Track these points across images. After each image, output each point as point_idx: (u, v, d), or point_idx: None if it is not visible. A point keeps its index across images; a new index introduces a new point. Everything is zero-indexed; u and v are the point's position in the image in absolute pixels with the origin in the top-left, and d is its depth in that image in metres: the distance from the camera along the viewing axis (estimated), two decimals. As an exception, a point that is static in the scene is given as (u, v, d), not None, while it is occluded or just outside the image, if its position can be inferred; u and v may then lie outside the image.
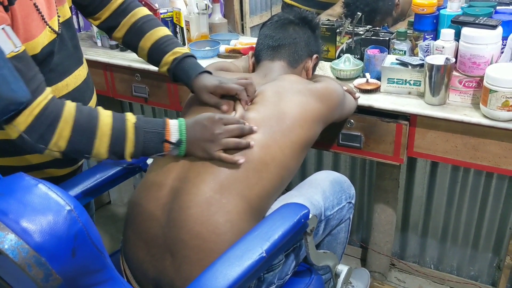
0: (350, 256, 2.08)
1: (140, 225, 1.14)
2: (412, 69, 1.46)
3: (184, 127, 1.12)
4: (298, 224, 1.06)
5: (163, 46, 1.35)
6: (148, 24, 1.39)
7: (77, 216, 0.76)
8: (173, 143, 1.11)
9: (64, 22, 1.23)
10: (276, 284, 1.18)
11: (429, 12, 1.53)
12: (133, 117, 1.10)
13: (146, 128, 1.09)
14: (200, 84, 1.26)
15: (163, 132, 1.10)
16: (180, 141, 1.11)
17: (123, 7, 1.39)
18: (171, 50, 1.34)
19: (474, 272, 1.90)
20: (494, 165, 1.39)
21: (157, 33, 1.37)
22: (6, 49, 0.94)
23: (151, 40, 1.36)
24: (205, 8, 1.95)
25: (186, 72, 1.30)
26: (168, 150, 1.11)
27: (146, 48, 1.37)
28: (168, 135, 1.11)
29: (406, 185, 1.89)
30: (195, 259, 1.06)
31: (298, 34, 1.39)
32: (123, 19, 1.39)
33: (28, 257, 0.71)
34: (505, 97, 1.28)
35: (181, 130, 1.12)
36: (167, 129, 1.11)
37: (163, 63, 1.35)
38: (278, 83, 1.27)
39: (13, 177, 0.81)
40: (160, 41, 1.36)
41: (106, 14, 1.39)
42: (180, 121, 1.14)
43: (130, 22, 1.39)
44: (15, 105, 0.95)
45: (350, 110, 1.43)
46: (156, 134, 1.10)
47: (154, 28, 1.38)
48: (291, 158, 1.19)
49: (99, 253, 0.80)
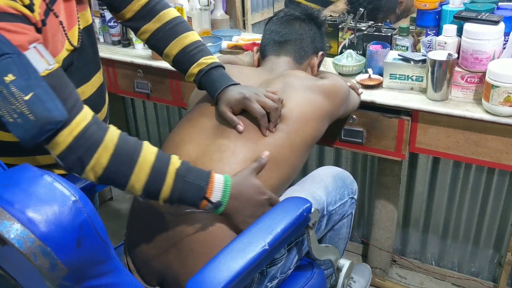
0: (351, 252, 2.09)
1: (145, 219, 1.15)
2: (414, 64, 1.46)
3: (229, 191, 1.05)
4: (300, 217, 1.07)
5: (188, 56, 1.26)
6: (174, 30, 1.28)
7: (82, 207, 0.76)
8: (211, 203, 1.03)
9: (84, 29, 1.19)
10: (279, 278, 1.19)
11: (431, 8, 1.53)
12: (177, 162, 1.03)
13: (187, 178, 1.02)
14: (223, 97, 1.19)
15: (205, 187, 1.03)
16: (219, 204, 1.04)
17: (148, 8, 1.27)
18: (196, 60, 1.25)
19: (475, 268, 1.90)
20: (495, 161, 1.39)
21: (183, 41, 1.27)
22: (39, 68, 0.91)
23: (176, 48, 1.27)
24: (207, 4, 1.96)
25: (212, 85, 1.23)
26: (204, 208, 1.04)
27: (171, 56, 1.29)
28: (210, 193, 1.03)
29: (408, 181, 1.90)
30: (201, 253, 1.06)
31: (304, 30, 1.39)
32: (146, 24, 1.28)
33: (34, 247, 0.72)
34: (507, 93, 1.28)
35: (225, 192, 1.05)
36: (209, 186, 1.03)
37: (189, 74, 1.27)
38: (286, 79, 1.27)
39: (19, 168, 0.81)
40: (185, 50, 1.27)
41: (128, 15, 1.28)
42: (226, 180, 1.05)
43: (154, 27, 1.28)
44: (52, 125, 0.90)
45: (353, 106, 1.43)
46: (197, 187, 1.02)
47: (179, 36, 1.27)
48: (299, 157, 1.19)
49: (103, 244, 0.81)
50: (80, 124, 0.94)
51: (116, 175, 0.98)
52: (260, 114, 1.14)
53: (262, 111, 1.14)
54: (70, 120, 0.93)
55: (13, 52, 0.87)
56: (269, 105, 1.15)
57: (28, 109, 0.87)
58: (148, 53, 1.89)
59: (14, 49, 0.88)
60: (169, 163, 1.02)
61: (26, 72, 0.88)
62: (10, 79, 0.86)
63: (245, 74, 1.33)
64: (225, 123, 1.18)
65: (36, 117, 0.88)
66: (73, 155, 0.94)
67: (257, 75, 1.33)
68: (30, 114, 0.87)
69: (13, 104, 0.87)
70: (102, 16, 1.98)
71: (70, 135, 0.93)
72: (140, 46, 1.96)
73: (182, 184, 1.01)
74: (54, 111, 0.89)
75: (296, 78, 1.27)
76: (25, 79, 0.87)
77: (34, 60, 0.90)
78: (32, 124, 0.88)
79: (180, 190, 1.01)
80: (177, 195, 1.01)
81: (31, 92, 0.87)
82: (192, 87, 1.39)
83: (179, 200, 1.02)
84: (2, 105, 0.87)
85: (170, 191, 1.01)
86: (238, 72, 1.32)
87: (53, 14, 1.05)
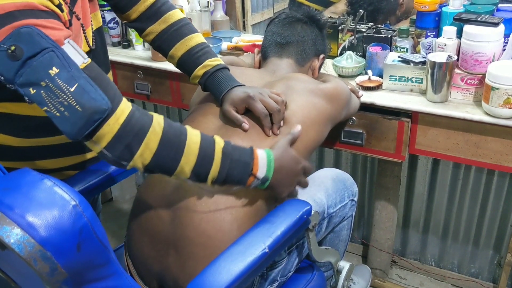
0: (351, 253, 2.09)
1: (145, 221, 1.15)
2: (414, 66, 1.46)
3: (273, 165, 1.07)
4: (300, 220, 1.07)
5: (194, 57, 1.27)
6: (179, 31, 1.28)
7: (82, 211, 0.76)
8: (258, 179, 1.05)
9: (96, 31, 1.20)
10: (279, 281, 1.19)
11: (431, 10, 1.53)
12: (221, 141, 1.03)
13: (233, 156, 1.02)
14: (228, 97, 1.20)
15: (251, 163, 1.04)
16: (266, 178, 1.06)
17: (154, 9, 1.28)
18: (202, 62, 1.25)
19: (475, 269, 1.91)
20: (495, 163, 1.39)
21: (188, 42, 1.27)
22: (77, 60, 0.91)
23: (181, 50, 1.27)
24: (207, 6, 1.96)
25: (217, 87, 1.23)
26: (251, 184, 1.05)
27: (176, 57, 1.29)
28: (256, 169, 1.04)
29: (408, 182, 1.90)
30: (200, 256, 1.06)
31: (306, 32, 1.39)
32: (152, 24, 1.29)
33: (34, 251, 0.72)
34: (507, 95, 1.28)
35: (269, 166, 1.06)
36: (255, 162, 1.04)
37: (194, 76, 1.27)
38: (289, 81, 1.26)
39: (19, 172, 0.81)
40: (190, 52, 1.27)
41: (133, 16, 1.29)
42: (268, 156, 1.07)
43: (159, 28, 1.29)
44: (99, 114, 0.89)
45: (354, 109, 1.43)
46: (243, 165, 1.03)
47: (185, 37, 1.28)
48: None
49: (103, 248, 0.81)
50: (124, 112, 0.94)
51: (166, 160, 0.97)
52: (263, 114, 1.15)
53: (265, 111, 1.15)
54: (114, 109, 0.93)
55: (53, 46, 0.88)
56: (272, 106, 1.15)
57: (75, 100, 0.87)
58: (148, 54, 1.89)
59: (53, 43, 0.88)
60: (215, 142, 1.02)
61: (68, 65, 0.88)
62: (55, 72, 0.87)
63: (248, 75, 1.32)
64: (229, 123, 1.18)
65: (83, 107, 0.88)
66: (121, 143, 0.93)
67: (259, 76, 1.33)
68: (77, 105, 0.88)
69: (60, 97, 0.87)
70: (102, 17, 1.98)
71: (117, 123, 0.92)
72: (140, 47, 1.96)
73: (230, 162, 1.02)
74: (99, 100, 0.89)
75: (299, 81, 1.26)
76: (68, 71, 0.88)
77: (71, 53, 0.91)
78: (79, 115, 0.88)
79: (228, 168, 1.02)
80: (225, 174, 1.02)
81: (76, 83, 0.88)
82: (192, 88, 1.39)
83: (226, 178, 1.03)
84: (48, 100, 0.87)
85: (218, 170, 1.01)
86: (240, 73, 1.32)
87: (75, 16, 1.07)
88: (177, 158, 0.98)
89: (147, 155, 0.95)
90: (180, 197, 1.11)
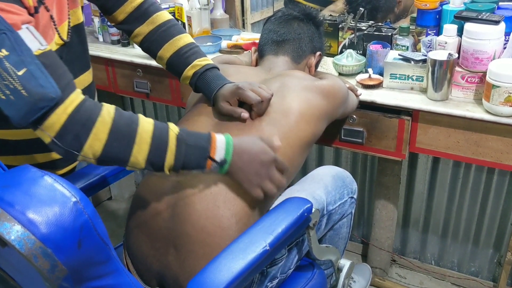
0: (351, 252, 2.09)
1: (144, 219, 1.14)
2: (414, 64, 1.46)
3: (231, 148, 1.05)
4: (301, 218, 1.07)
5: (182, 58, 1.27)
6: (167, 32, 1.29)
7: (83, 208, 0.76)
8: (216, 162, 1.04)
9: (74, 27, 1.19)
10: (279, 278, 1.18)
11: (432, 8, 1.53)
12: (175, 128, 1.02)
13: (189, 141, 1.02)
14: (219, 95, 1.20)
15: (208, 147, 1.03)
16: (224, 161, 1.04)
17: (141, 11, 1.29)
18: (191, 63, 1.26)
19: (475, 268, 1.90)
20: (496, 161, 1.39)
21: (176, 43, 1.28)
22: (33, 46, 0.91)
23: (170, 51, 1.28)
24: (206, 4, 1.95)
25: (207, 87, 1.23)
26: (210, 168, 1.04)
27: (165, 58, 1.29)
28: (213, 152, 1.03)
29: (408, 181, 1.89)
30: (200, 253, 1.06)
31: (302, 30, 1.39)
32: (139, 25, 1.29)
33: (35, 248, 0.71)
34: (507, 93, 1.28)
35: (228, 150, 1.05)
36: (212, 145, 1.03)
37: (184, 76, 1.28)
38: (284, 78, 1.26)
39: (19, 169, 0.81)
40: (179, 52, 1.27)
41: (121, 17, 1.30)
42: (227, 139, 1.06)
43: (147, 29, 1.29)
44: (45, 101, 0.88)
45: (352, 107, 1.43)
46: (200, 149, 1.02)
47: (173, 38, 1.28)
48: (298, 155, 1.19)
49: (104, 245, 0.80)
50: (74, 102, 0.93)
51: (117, 150, 0.96)
52: (256, 100, 1.15)
53: (257, 98, 1.15)
54: (64, 98, 0.92)
55: (6, 29, 0.88)
56: (263, 94, 1.15)
57: (21, 84, 0.87)
58: (148, 53, 1.88)
59: (7, 26, 0.88)
60: (168, 129, 1.01)
61: (20, 49, 0.88)
62: (4, 54, 0.87)
63: (243, 73, 1.33)
64: (224, 120, 1.19)
65: (30, 93, 0.87)
66: (70, 133, 0.92)
67: (255, 74, 1.33)
68: (23, 90, 0.87)
69: (6, 80, 0.87)
70: (102, 15, 1.97)
71: (65, 113, 0.92)
72: (139, 46, 1.96)
73: (185, 148, 1.01)
74: (47, 87, 0.89)
75: (294, 78, 1.26)
76: (18, 55, 0.88)
77: (27, 39, 0.91)
78: (25, 101, 0.87)
79: (184, 154, 1.01)
80: (182, 160, 1.01)
81: (25, 68, 0.87)
82: (191, 87, 1.39)
83: (184, 165, 1.02)
84: None
85: (174, 157, 1.00)
86: (235, 71, 1.32)
87: (44, 7, 1.06)
88: (129, 148, 0.97)
89: (97, 146, 0.94)
90: (178, 193, 1.11)
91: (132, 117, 0.99)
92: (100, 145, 0.94)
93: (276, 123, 1.17)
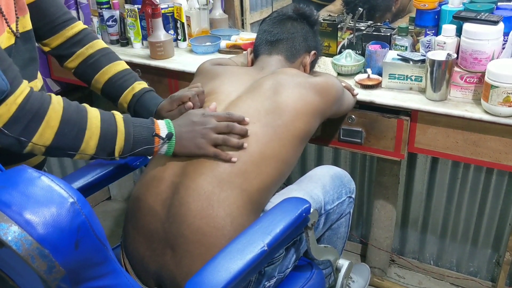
0: (350, 252, 2.09)
1: (140, 220, 1.14)
2: (413, 64, 1.46)
3: (171, 124, 1.12)
4: (299, 218, 1.06)
5: (121, 81, 1.32)
6: (106, 57, 1.34)
7: (80, 209, 0.76)
8: (163, 137, 1.09)
9: (23, 33, 1.16)
10: (277, 277, 1.18)
11: (430, 8, 1.53)
12: (119, 113, 1.09)
13: (134, 122, 1.08)
14: (160, 108, 1.26)
15: (152, 126, 1.09)
16: (170, 134, 1.10)
17: (80, 37, 1.33)
18: (129, 86, 1.32)
19: (474, 268, 1.91)
20: (494, 161, 1.39)
21: (115, 67, 1.34)
22: None
23: (108, 74, 1.33)
24: (205, 4, 1.95)
25: (147, 107, 1.29)
26: (158, 144, 1.09)
27: (103, 81, 1.33)
28: (158, 129, 1.09)
29: (406, 181, 1.89)
30: (195, 253, 1.06)
31: (296, 29, 1.39)
32: (79, 50, 1.33)
33: (32, 249, 0.71)
34: (506, 93, 1.28)
35: (168, 124, 1.12)
36: (156, 125, 1.10)
37: (122, 100, 1.32)
38: (277, 76, 1.27)
39: (16, 170, 0.81)
40: (118, 75, 1.33)
41: (58, 41, 1.32)
42: (166, 119, 1.14)
43: (86, 53, 1.33)
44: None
45: (348, 106, 1.43)
46: (146, 128, 1.08)
47: (111, 63, 1.34)
48: (290, 152, 1.19)
49: (102, 246, 0.80)
50: (23, 93, 0.94)
51: (69, 137, 0.98)
52: (190, 93, 1.21)
53: (191, 91, 1.22)
54: (13, 90, 0.93)
55: None
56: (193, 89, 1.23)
57: None
58: (147, 52, 1.88)
59: None
60: (113, 114, 1.07)
61: None
62: None
63: (235, 73, 1.34)
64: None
65: None
66: (20, 122, 0.93)
67: (245, 73, 1.34)
68: None
69: None
70: (101, 15, 1.97)
71: (15, 103, 0.93)
72: (138, 46, 1.96)
73: (133, 128, 1.06)
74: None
75: (287, 75, 1.27)
76: None
77: None
78: None
79: (133, 134, 1.06)
80: (131, 141, 1.06)
81: None
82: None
83: (134, 145, 1.06)
84: None
85: (124, 138, 1.05)
86: (224, 71, 1.34)
87: None
88: (80, 134, 0.99)
89: (48, 134, 0.95)
90: (174, 194, 1.11)
91: (79, 106, 1.03)
92: (51, 133, 0.96)
93: (269, 120, 1.17)
